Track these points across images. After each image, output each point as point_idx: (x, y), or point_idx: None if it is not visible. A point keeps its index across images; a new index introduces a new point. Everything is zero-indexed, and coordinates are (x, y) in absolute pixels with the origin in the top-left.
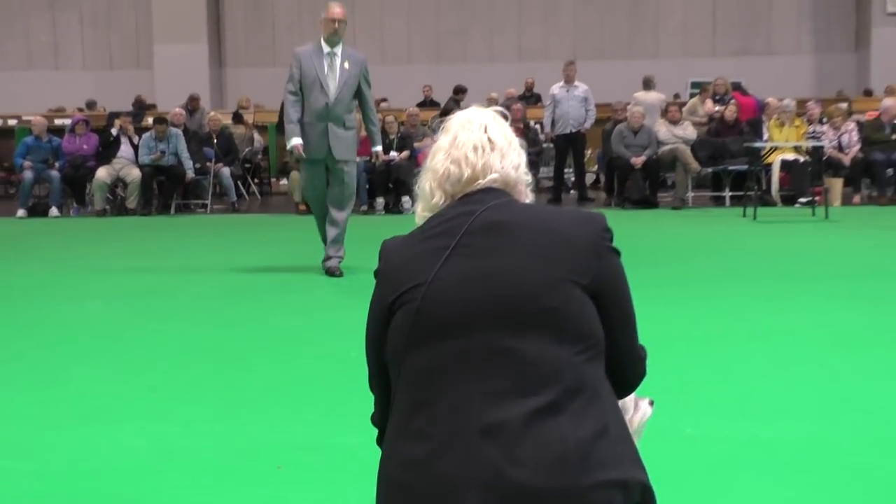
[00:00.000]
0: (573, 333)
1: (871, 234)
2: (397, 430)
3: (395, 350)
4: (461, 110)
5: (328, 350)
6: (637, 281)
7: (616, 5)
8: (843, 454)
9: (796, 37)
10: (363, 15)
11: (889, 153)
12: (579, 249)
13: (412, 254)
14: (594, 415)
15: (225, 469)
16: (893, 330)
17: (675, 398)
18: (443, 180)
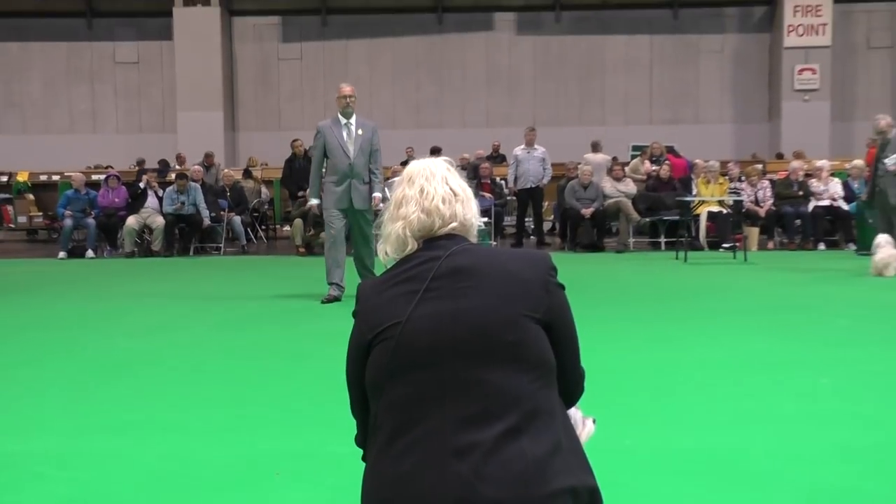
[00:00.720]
0: (530, 363)
1: (782, 275)
2: (379, 452)
3: (374, 380)
4: (417, 160)
5: (322, 371)
6: (586, 314)
7: (569, 80)
8: (755, 462)
9: (719, 109)
10: (355, 87)
11: (797, 206)
12: (532, 288)
13: (387, 296)
14: (549, 434)
15: (231, 475)
16: (799, 355)
17: (616, 414)
18: (415, 229)
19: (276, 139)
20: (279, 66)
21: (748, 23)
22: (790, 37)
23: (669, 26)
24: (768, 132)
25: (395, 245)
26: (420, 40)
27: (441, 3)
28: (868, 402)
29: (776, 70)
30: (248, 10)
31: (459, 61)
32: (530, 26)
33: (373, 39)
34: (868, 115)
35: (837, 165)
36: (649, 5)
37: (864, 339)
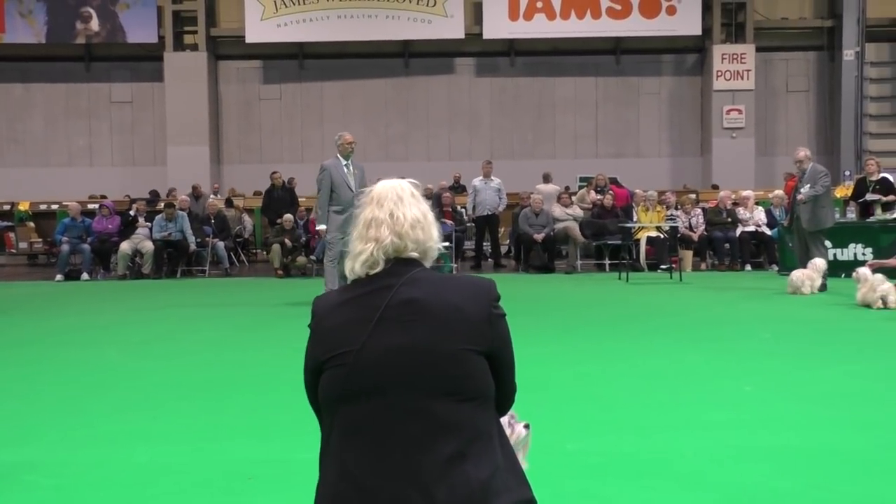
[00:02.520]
0: (472, 393)
1: (712, 294)
2: (332, 473)
3: (327, 401)
4: (383, 181)
5: (296, 381)
6: (536, 329)
7: (523, 118)
8: (685, 463)
9: (658, 144)
10: (329, 124)
11: (726, 232)
12: (476, 322)
13: (342, 319)
14: (489, 456)
15: (207, 481)
16: (726, 366)
17: (560, 421)
18: (389, 252)
19: (257, 171)
20: (260, 105)
21: (682, 67)
22: (719, 81)
23: (613, 70)
24: (700, 165)
25: (365, 265)
26: (388, 82)
27: (407, 49)
28: (785, 407)
29: (707, 110)
30: (232, 54)
31: (424, 101)
32: (488, 69)
33: (346, 81)
34: (787, 151)
35: (761, 195)
36: (595, 51)
37: (784, 350)
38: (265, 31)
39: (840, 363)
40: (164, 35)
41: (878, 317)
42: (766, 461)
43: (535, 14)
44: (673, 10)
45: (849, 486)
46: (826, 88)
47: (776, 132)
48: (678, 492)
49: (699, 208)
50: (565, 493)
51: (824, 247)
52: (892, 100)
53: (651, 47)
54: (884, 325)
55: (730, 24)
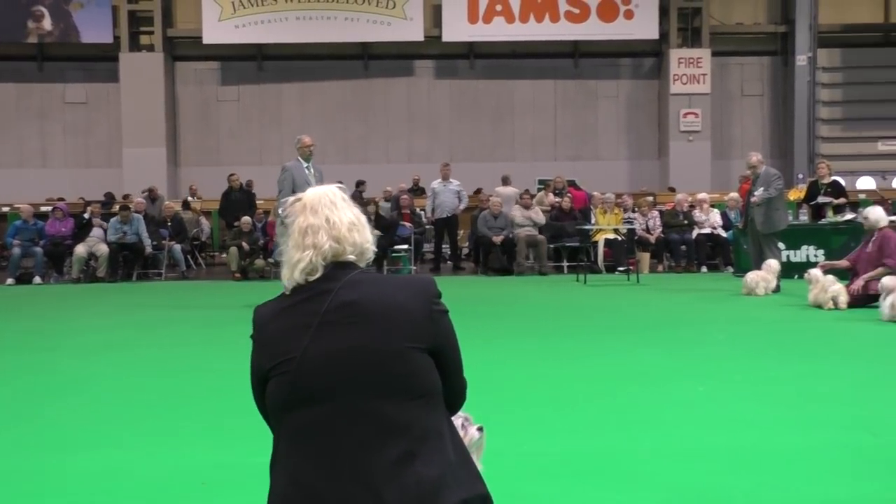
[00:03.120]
0: (418, 391)
1: (669, 295)
2: (281, 479)
3: (274, 409)
4: (312, 189)
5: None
6: (494, 331)
7: (482, 120)
8: (639, 463)
9: (616, 147)
10: (288, 126)
11: (682, 234)
12: (417, 319)
13: (282, 327)
14: (440, 453)
15: (160, 486)
16: (681, 366)
17: (515, 422)
18: (327, 257)
19: (214, 173)
20: (218, 106)
21: (640, 71)
22: (675, 84)
23: (571, 73)
24: (658, 168)
25: (304, 272)
26: (348, 84)
27: (367, 51)
28: (738, 407)
29: (664, 113)
30: (189, 55)
31: (383, 103)
32: (447, 72)
33: (305, 83)
34: (743, 154)
35: (717, 198)
36: (554, 54)
37: (737, 351)
38: (223, 32)
39: (792, 363)
40: (119, 35)
41: (829, 317)
42: (718, 461)
43: (494, 17)
44: (630, 14)
45: (800, 484)
46: (780, 93)
47: (731, 136)
48: (632, 491)
49: (656, 211)
50: (520, 495)
51: (778, 248)
52: (844, 104)
53: (609, 51)
54: (835, 326)
55: (686, 29)
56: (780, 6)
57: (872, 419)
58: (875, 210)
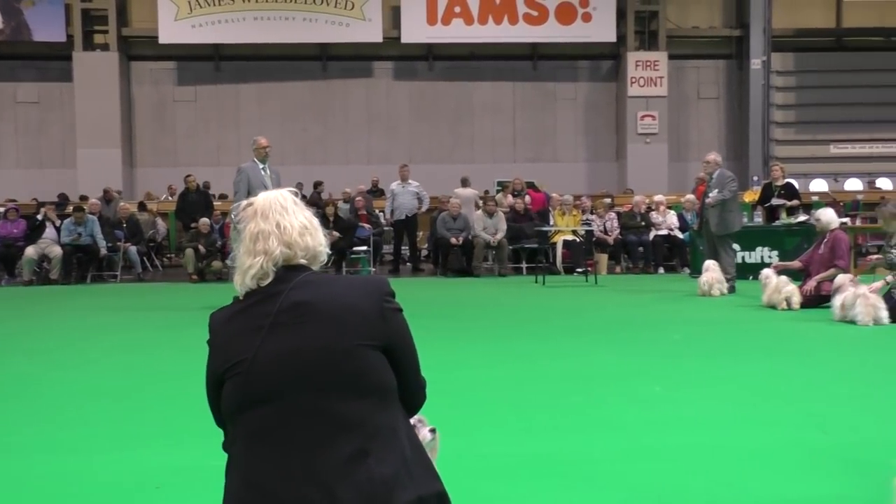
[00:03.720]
0: (371, 389)
1: (627, 296)
2: (236, 481)
3: (228, 412)
4: (263, 194)
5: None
6: (453, 333)
7: (442, 122)
8: (600, 463)
9: (574, 149)
10: (246, 127)
11: (640, 235)
12: (369, 317)
13: (235, 330)
14: (394, 451)
15: (114, 490)
16: (638, 367)
17: (473, 423)
18: (278, 262)
19: (171, 174)
20: (174, 107)
21: (598, 74)
22: (633, 87)
23: (530, 75)
24: (616, 170)
25: (256, 277)
26: (306, 85)
27: (325, 52)
28: (694, 407)
29: (622, 116)
30: (144, 55)
31: (342, 105)
32: (406, 73)
33: (262, 84)
34: (699, 156)
35: (673, 199)
36: (512, 56)
37: (693, 351)
38: (179, 32)
39: (747, 363)
40: (72, 34)
41: (782, 317)
42: (675, 460)
43: (452, 19)
44: (588, 17)
45: (754, 482)
46: (735, 96)
47: (688, 138)
48: (589, 492)
49: (613, 212)
50: (477, 496)
51: (733, 250)
52: (797, 108)
53: (567, 53)
54: (788, 326)
55: (643, 32)
56: (734, 10)
57: (824, 417)
58: (827, 212)
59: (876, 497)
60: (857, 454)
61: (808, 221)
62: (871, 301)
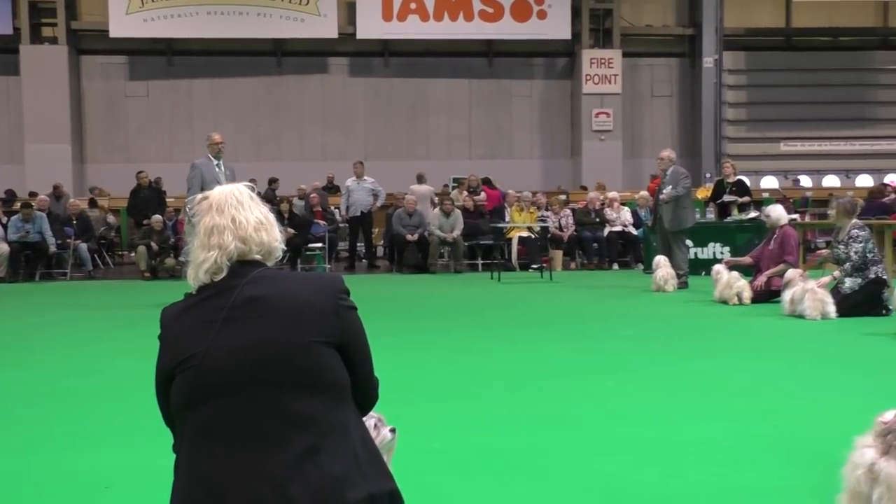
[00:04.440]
0: (324, 386)
1: (581, 292)
2: (183, 478)
3: (178, 408)
4: (220, 187)
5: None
6: (408, 330)
7: (397, 118)
8: (553, 457)
9: (529, 146)
10: (200, 122)
11: (594, 232)
12: (323, 314)
13: (187, 325)
14: (346, 449)
15: (61, 491)
16: (591, 362)
17: (427, 419)
18: (233, 257)
19: (123, 171)
20: (126, 102)
21: (553, 71)
22: (588, 84)
23: (485, 72)
24: (571, 167)
25: (210, 272)
26: (260, 81)
27: (280, 48)
28: (646, 401)
29: (577, 113)
30: (95, 49)
31: (297, 101)
32: (362, 70)
33: (216, 79)
34: (653, 154)
35: (628, 196)
36: (468, 53)
37: (646, 346)
38: (130, 26)
39: (698, 357)
40: (20, 27)
41: (734, 312)
42: (627, 453)
43: (408, 15)
44: (543, 14)
45: (703, 475)
46: (688, 94)
47: (642, 135)
48: (542, 486)
49: (568, 209)
50: (430, 491)
51: (686, 246)
52: (748, 106)
53: (522, 50)
54: (739, 321)
55: (598, 30)
56: (687, 9)
57: (772, 410)
58: (776, 208)
59: (823, 487)
60: (804, 446)
61: (759, 218)
62: (818, 296)
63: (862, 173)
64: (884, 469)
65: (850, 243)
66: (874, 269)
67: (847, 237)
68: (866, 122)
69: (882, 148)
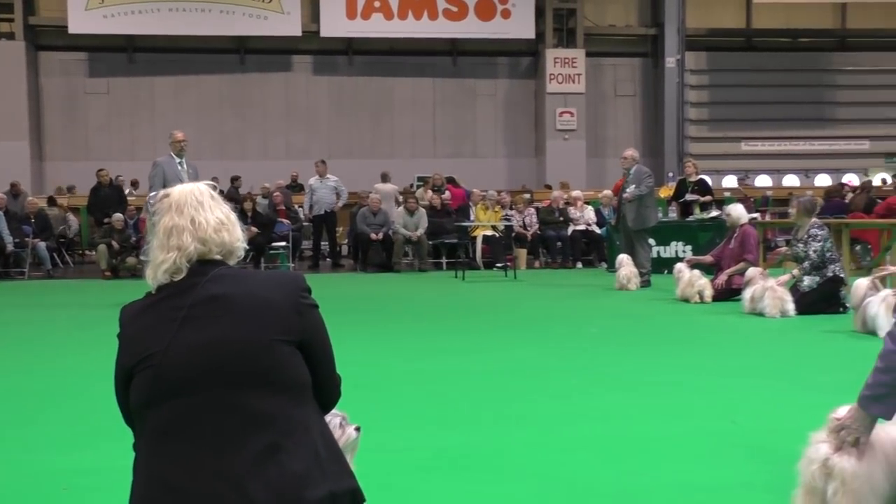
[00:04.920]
0: (285, 384)
1: (545, 290)
2: (142, 478)
3: (137, 407)
4: (180, 186)
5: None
6: (372, 328)
7: (362, 117)
8: (515, 455)
9: (494, 145)
10: (162, 120)
11: (558, 231)
12: (284, 312)
13: (147, 324)
14: (306, 447)
15: (18, 494)
16: (556, 360)
17: (390, 417)
18: (192, 258)
19: (83, 169)
20: (86, 99)
21: (517, 71)
22: (552, 84)
23: (450, 71)
24: (535, 166)
25: (169, 272)
26: (223, 78)
27: (243, 45)
28: (608, 399)
29: (541, 112)
30: (54, 45)
31: (260, 99)
32: (326, 68)
33: (179, 77)
34: (616, 153)
35: (591, 195)
36: (432, 52)
37: (609, 344)
38: (90, 22)
39: (660, 355)
40: None
41: (695, 310)
42: (588, 450)
43: (372, 13)
44: (507, 13)
45: (663, 471)
46: (651, 93)
47: (605, 135)
48: (505, 484)
49: (532, 208)
50: (392, 490)
51: (648, 245)
52: (710, 106)
53: (487, 50)
54: (700, 319)
55: (561, 30)
56: (649, 10)
57: (732, 407)
58: (736, 207)
59: (780, 483)
60: (763, 441)
61: (721, 217)
62: (778, 294)
63: (821, 173)
64: (837, 464)
65: (809, 242)
66: (832, 267)
67: (806, 236)
68: (825, 123)
69: (840, 148)
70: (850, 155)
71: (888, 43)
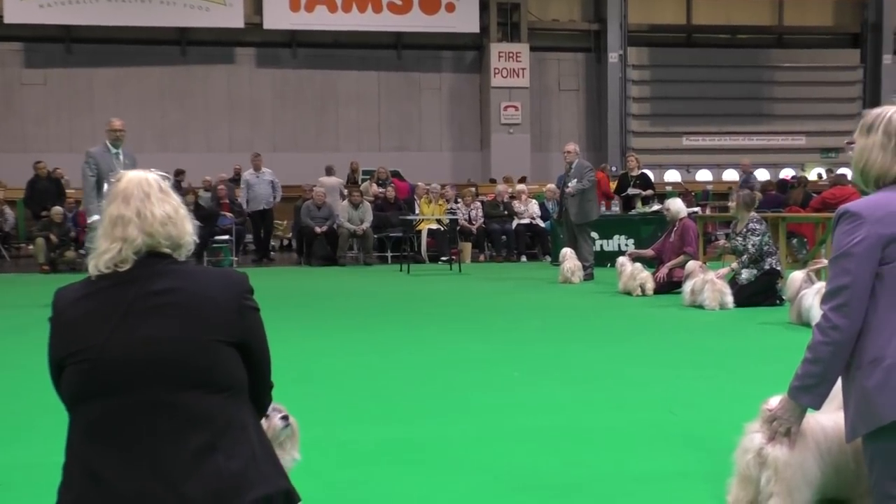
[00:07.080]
0: (222, 384)
1: (490, 284)
2: (75, 474)
3: (71, 399)
4: (129, 173)
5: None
6: (315, 322)
7: (306, 110)
8: (459, 446)
9: (439, 138)
10: (101, 112)
11: (503, 224)
12: (226, 313)
13: (83, 313)
14: (243, 446)
15: None
16: (498, 353)
17: (334, 411)
18: (140, 249)
19: (19, 161)
20: (22, 90)
21: (462, 64)
22: (496, 78)
23: (395, 65)
24: (480, 160)
25: (113, 262)
26: (164, 70)
27: (185, 37)
28: (551, 390)
29: (486, 106)
30: None
31: (202, 91)
32: (269, 60)
33: (118, 68)
34: (560, 147)
35: (536, 189)
36: (377, 45)
37: (552, 336)
38: (26, 12)
39: (602, 347)
40: None
41: (637, 303)
42: (531, 441)
43: (316, 6)
44: (452, 7)
45: (604, 461)
46: (594, 88)
47: (550, 129)
48: (448, 475)
49: (478, 201)
50: (336, 483)
51: (591, 238)
52: (652, 101)
53: (431, 43)
54: (642, 311)
55: (506, 24)
56: (592, 5)
57: (671, 398)
58: (675, 202)
59: (717, 471)
60: (700, 432)
61: (662, 210)
62: (717, 287)
63: (759, 167)
64: (770, 454)
65: (747, 236)
66: (769, 260)
67: (745, 229)
68: (763, 118)
69: (778, 143)
70: (788, 150)
71: (824, 40)
